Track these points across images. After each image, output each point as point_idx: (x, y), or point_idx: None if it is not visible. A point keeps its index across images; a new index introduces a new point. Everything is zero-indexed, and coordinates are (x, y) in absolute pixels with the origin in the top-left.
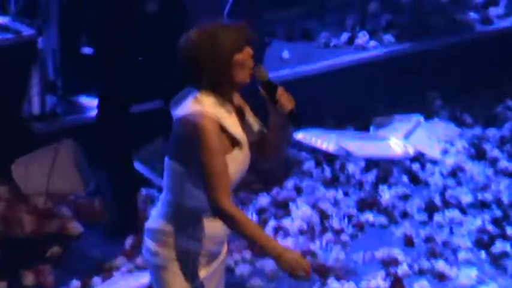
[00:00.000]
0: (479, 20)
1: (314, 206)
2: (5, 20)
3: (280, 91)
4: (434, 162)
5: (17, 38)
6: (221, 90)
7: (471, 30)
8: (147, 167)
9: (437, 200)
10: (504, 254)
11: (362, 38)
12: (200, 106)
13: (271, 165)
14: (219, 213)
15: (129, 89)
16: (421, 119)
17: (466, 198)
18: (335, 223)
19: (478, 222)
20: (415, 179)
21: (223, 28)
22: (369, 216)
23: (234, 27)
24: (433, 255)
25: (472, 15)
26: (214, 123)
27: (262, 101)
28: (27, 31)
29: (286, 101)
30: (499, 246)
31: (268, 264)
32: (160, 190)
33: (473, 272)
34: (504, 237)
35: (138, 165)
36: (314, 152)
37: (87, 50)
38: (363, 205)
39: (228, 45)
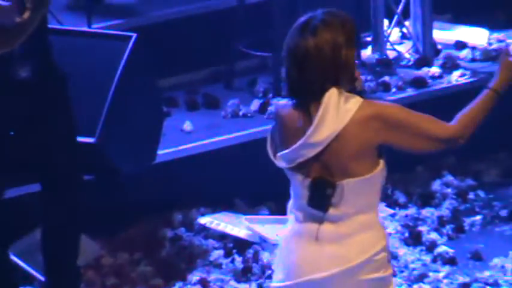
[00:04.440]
0: (410, 82)
1: None
2: None
3: (358, 73)
4: None
5: None
6: (350, 83)
7: (402, 92)
8: (25, 260)
9: None
10: None
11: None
12: (356, 99)
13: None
14: (459, 140)
15: None
16: None
17: None
18: None
19: None
20: None
21: (349, 19)
22: None
23: (352, 19)
24: None
25: (403, 76)
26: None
27: None
28: None
29: (360, 82)
30: None
31: None
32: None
33: None
34: None
35: (15, 259)
36: (223, 239)
37: None
38: None
39: (354, 33)
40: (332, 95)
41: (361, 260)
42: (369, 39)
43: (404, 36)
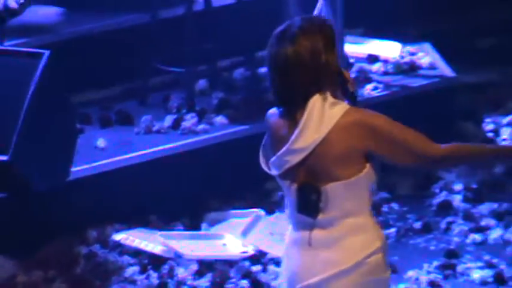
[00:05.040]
0: None
1: None
2: None
3: (347, 73)
4: (278, 262)
5: None
6: (335, 87)
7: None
8: None
9: None
10: None
11: (190, 120)
12: (342, 105)
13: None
14: (445, 161)
15: None
16: (261, 213)
17: None
18: None
19: None
20: (256, 283)
21: (327, 24)
22: None
23: (330, 23)
24: None
25: None
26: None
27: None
28: None
29: (352, 82)
30: None
31: None
32: None
33: None
34: None
35: None
36: (138, 255)
37: None
38: None
39: (334, 45)
40: (316, 101)
41: (353, 263)
42: None
43: None
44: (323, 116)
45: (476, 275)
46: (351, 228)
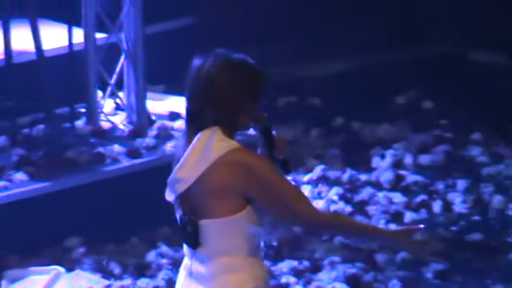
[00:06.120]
0: (125, 153)
1: None
2: None
3: (278, 138)
4: None
5: None
6: (235, 127)
7: (117, 163)
8: None
9: None
10: None
11: None
12: (230, 142)
13: None
14: (319, 227)
15: None
16: (61, 270)
17: None
18: None
19: None
20: None
21: (248, 67)
22: None
23: (257, 69)
24: None
25: (118, 147)
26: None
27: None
28: None
29: (282, 148)
30: None
31: None
32: None
33: None
34: None
35: None
36: None
37: None
38: None
39: (248, 89)
40: (206, 133)
41: None
42: (82, 110)
43: (118, 107)
44: (208, 150)
45: None
46: (225, 267)
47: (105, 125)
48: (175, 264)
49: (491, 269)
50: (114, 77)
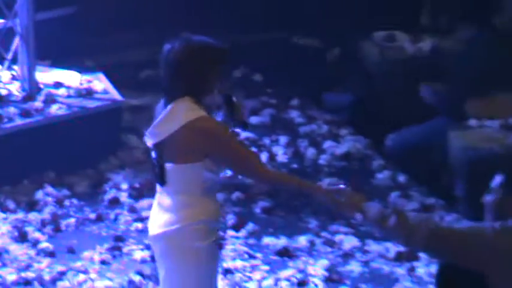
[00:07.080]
0: (19, 113)
1: None
2: None
3: (237, 104)
4: None
5: None
6: (201, 96)
7: (12, 121)
8: None
9: None
10: None
11: None
12: (198, 112)
13: None
14: (267, 181)
15: None
16: None
17: (11, 277)
18: None
19: None
20: None
21: (208, 46)
22: None
23: (216, 47)
24: None
25: (13, 109)
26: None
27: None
28: None
29: (240, 111)
30: None
31: None
32: None
33: None
34: None
35: None
36: None
37: None
38: None
39: (214, 58)
40: (180, 102)
41: (177, 226)
42: None
43: (14, 78)
44: (180, 114)
45: (138, 255)
46: (182, 203)
47: (3, 91)
48: (58, 202)
49: (305, 205)
50: (10, 54)
